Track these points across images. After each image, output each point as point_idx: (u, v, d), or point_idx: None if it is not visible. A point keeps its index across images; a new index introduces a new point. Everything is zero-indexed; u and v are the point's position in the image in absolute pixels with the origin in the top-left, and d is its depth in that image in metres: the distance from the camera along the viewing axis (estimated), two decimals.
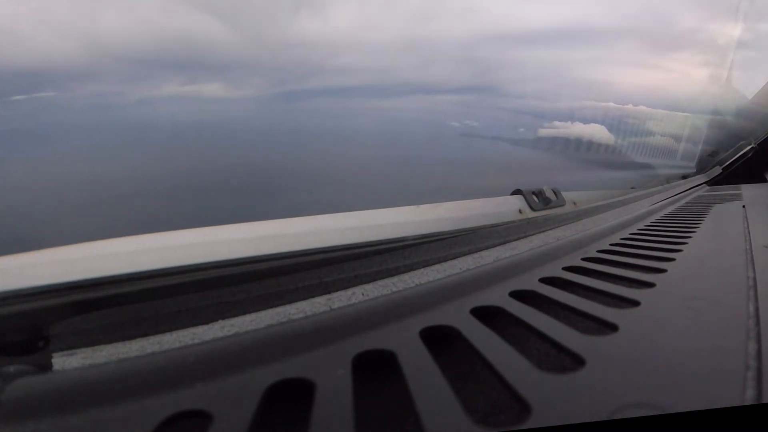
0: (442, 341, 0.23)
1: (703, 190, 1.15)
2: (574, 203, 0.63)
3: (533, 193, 0.58)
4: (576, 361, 0.20)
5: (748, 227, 0.47)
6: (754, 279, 0.28)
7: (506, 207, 0.53)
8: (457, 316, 0.25)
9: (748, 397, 0.16)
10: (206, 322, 0.28)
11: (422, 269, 0.37)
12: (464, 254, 0.40)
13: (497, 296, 0.28)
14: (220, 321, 0.28)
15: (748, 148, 1.54)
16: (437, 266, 0.37)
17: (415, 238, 0.39)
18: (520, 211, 0.54)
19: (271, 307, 0.29)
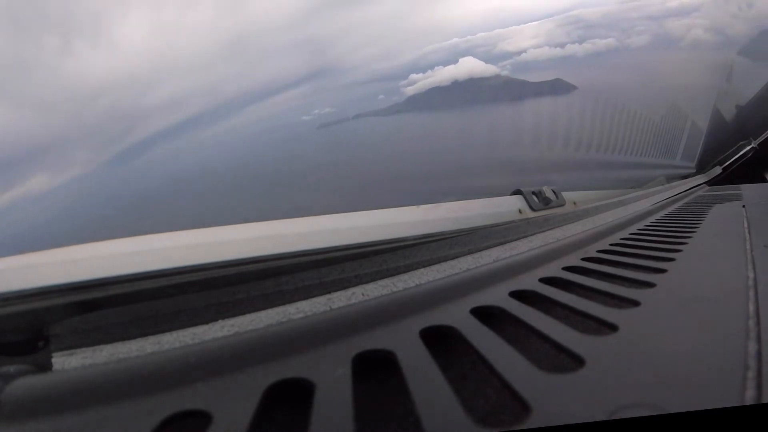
0: (442, 341, 0.23)
1: (703, 190, 1.15)
2: (574, 203, 0.63)
3: (533, 193, 0.58)
4: (576, 361, 0.20)
5: (748, 227, 0.47)
6: (754, 279, 0.28)
7: (506, 207, 0.53)
8: (457, 316, 0.25)
9: (748, 397, 0.16)
10: (206, 322, 0.28)
11: (422, 269, 0.37)
12: (464, 254, 0.40)
13: (497, 296, 0.28)
14: (220, 321, 0.28)
15: (748, 148, 1.54)
16: (437, 266, 0.37)
17: (415, 238, 0.39)
18: (520, 211, 0.54)
19: (271, 307, 0.30)
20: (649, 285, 0.28)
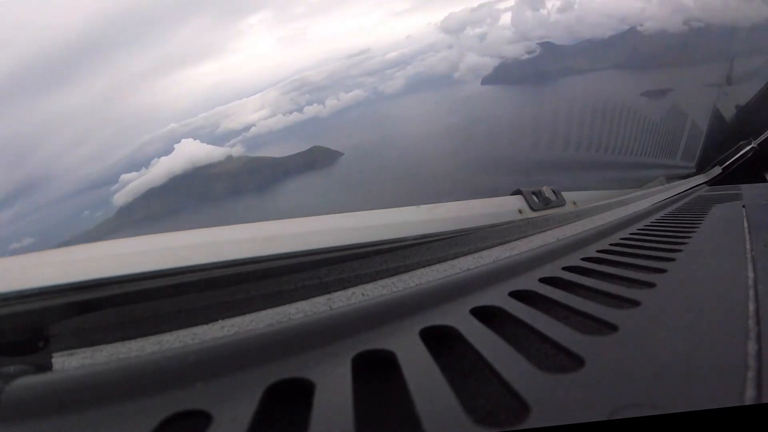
0: (441, 341, 0.23)
1: (703, 190, 1.15)
2: (574, 203, 0.63)
3: (533, 193, 0.58)
4: (576, 361, 0.20)
5: (748, 227, 0.47)
6: (754, 279, 0.28)
7: (506, 207, 0.53)
8: (457, 316, 0.25)
9: (748, 397, 0.16)
10: (206, 322, 0.28)
11: (422, 269, 0.37)
12: (464, 254, 0.40)
13: (497, 296, 0.28)
14: (220, 321, 0.28)
15: (748, 148, 1.54)
16: (437, 266, 0.37)
17: (415, 238, 0.39)
18: (520, 211, 0.54)
19: (271, 307, 0.29)
20: (649, 285, 0.28)
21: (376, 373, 0.21)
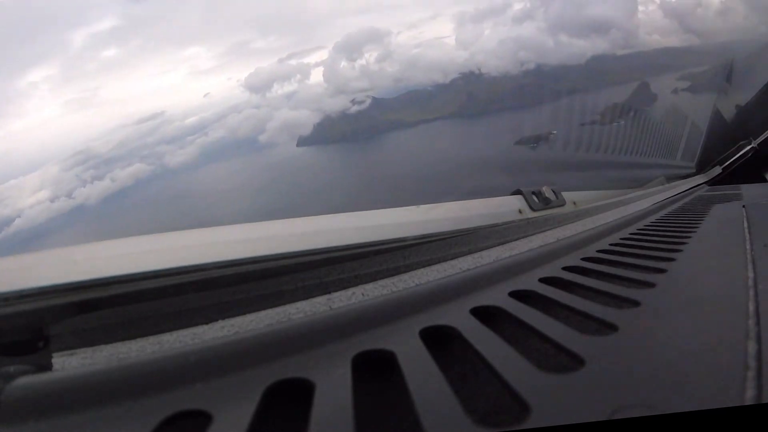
0: (441, 341, 0.23)
1: (703, 190, 1.15)
2: (574, 203, 0.63)
3: (533, 193, 0.58)
4: (576, 361, 0.20)
5: (748, 227, 0.47)
6: (754, 279, 0.28)
7: (506, 207, 0.53)
8: (457, 316, 0.25)
9: (748, 397, 0.16)
10: (206, 322, 0.28)
11: (422, 269, 0.37)
12: (464, 254, 0.40)
13: (497, 296, 0.28)
14: (220, 321, 0.28)
15: (748, 148, 1.54)
16: (437, 266, 0.37)
17: (415, 238, 0.39)
18: (519, 211, 0.54)
19: (271, 307, 0.29)
20: (649, 285, 0.28)
21: (376, 373, 0.21)
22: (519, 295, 0.28)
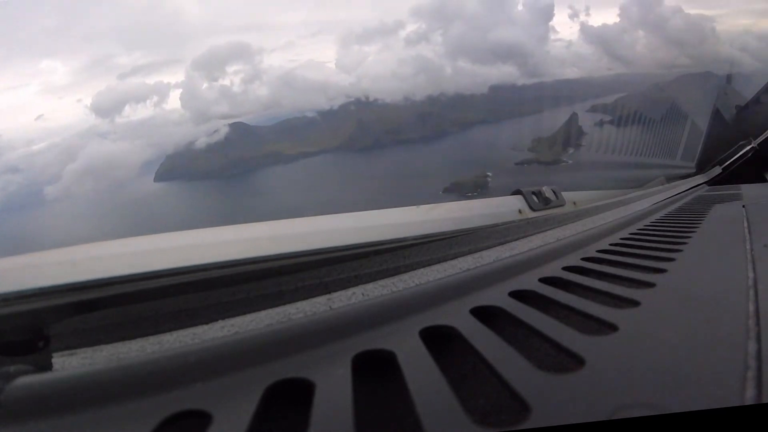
0: (442, 341, 0.23)
1: (703, 190, 1.15)
2: (574, 203, 0.63)
3: (533, 193, 0.58)
4: (576, 361, 0.20)
5: (748, 227, 0.47)
6: (754, 279, 0.28)
7: (506, 207, 0.53)
8: (457, 316, 0.25)
9: (748, 397, 0.16)
10: (206, 322, 0.28)
11: (422, 269, 0.37)
12: (464, 254, 0.40)
13: (497, 296, 0.28)
14: (220, 321, 0.28)
15: (748, 148, 1.54)
16: (437, 266, 0.37)
17: (415, 238, 0.38)
18: (520, 211, 0.54)
19: (271, 307, 0.29)
20: (649, 285, 0.28)
21: (376, 373, 0.21)
22: (519, 295, 0.28)
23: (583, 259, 0.36)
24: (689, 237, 0.43)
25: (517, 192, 0.57)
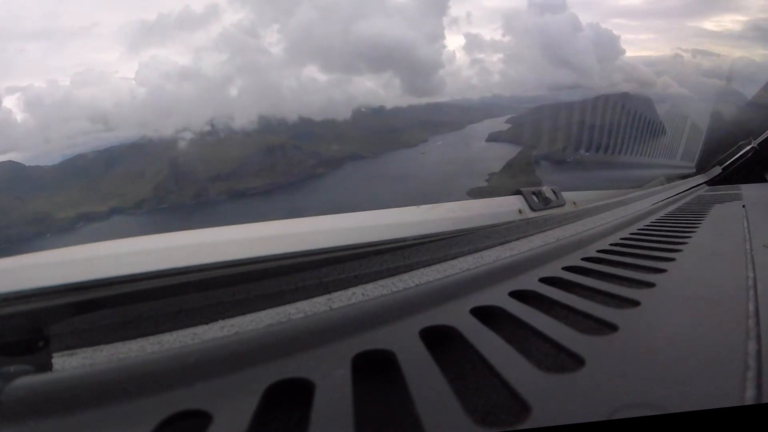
0: (442, 341, 0.23)
1: (703, 190, 1.15)
2: (574, 203, 0.63)
3: (533, 193, 0.58)
4: (576, 361, 0.20)
5: (748, 227, 0.47)
6: (754, 279, 0.28)
7: (506, 207, 0.53)
8: (457, 316, 0.25)
9: (748, 397, 0.16)
10: (206, 322, 0.28)
11: (422, 269, 0.37)
12: (464, 254, 0.40)
13: (497, 296, 0.28)
14: (220, 321, 0.28)
15: (748, 148, 1.54)
16: (437, 266, 0.37)
17: (415, 238, 0.38)
18: (520, 211, 0.54)
19: (271, 307, 0.29)
20: (649, 285, 0.28)
21: (376, 373, 0.21)
22: (519, 295, 0.28)
23: (583, 259, 0.36)
24: (689, 237, 0.43)
25: (517, 192, 0.57)
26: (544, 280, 0.31)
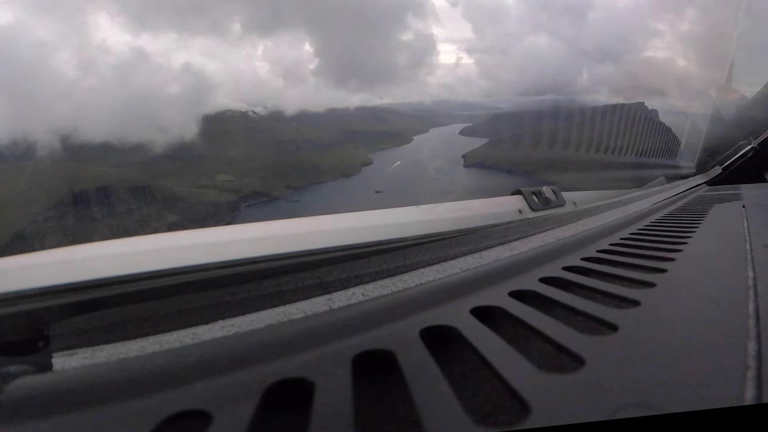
0: (442, 341, 0.23)
1: (703, 190, 1.15)
2: (574, 203, 0.63)
3: (533, 193, 0.58)
4: (576, 361, 0.20)
5: (748, 227, 0.47)
6: (754, 279, 0.28)
7: (506, 207, 0.53)
8: (457, 316, 0.25)
9: (748, 397, 0.16)
10: (206, 322, 0.28)
11: (422, 269, 0.37)
12: (464, 254, 0.40)
13: (497, 296, 0.28)
14: (220, 321, 0.28)
15: (748, 148, 1.54)
16: (437, 266, 0.37)
17: (415, 238, 0.38)
18: (520, 212, 0.54)
19: (271, 307, 0.29)
20: (649, 285, 0.28)
21: (376, 373, 0.21)
22: (519, 295, 0.28)
23: (583, 259, 0.36)
24: (689, 237, 0.43)
25: (517, 192, 0.57)
26: (544, 280, 0.31)
